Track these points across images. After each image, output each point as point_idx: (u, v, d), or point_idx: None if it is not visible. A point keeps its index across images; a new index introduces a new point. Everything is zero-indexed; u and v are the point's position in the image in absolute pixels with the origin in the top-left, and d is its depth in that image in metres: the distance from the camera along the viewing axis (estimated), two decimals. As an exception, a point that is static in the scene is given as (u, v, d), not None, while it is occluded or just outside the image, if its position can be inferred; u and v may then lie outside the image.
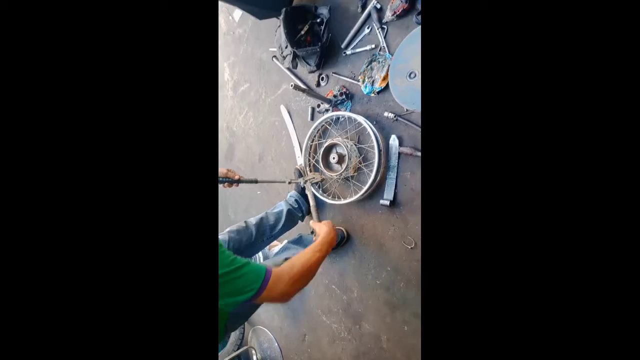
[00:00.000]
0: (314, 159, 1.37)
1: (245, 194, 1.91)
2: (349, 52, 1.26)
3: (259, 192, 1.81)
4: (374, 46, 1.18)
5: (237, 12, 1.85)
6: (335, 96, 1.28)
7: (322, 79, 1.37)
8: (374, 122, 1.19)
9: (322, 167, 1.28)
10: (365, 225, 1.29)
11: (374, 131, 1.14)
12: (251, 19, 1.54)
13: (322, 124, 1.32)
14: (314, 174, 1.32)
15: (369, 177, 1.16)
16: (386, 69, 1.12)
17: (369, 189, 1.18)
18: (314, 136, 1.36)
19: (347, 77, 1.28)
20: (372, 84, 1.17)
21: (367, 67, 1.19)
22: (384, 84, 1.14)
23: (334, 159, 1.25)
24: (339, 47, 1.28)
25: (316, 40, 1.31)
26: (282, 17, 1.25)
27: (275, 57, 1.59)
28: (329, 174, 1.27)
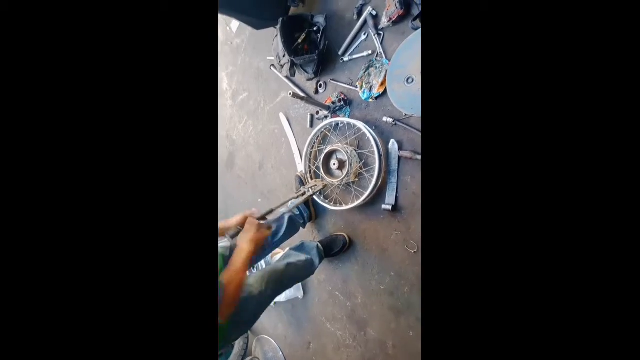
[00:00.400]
0: (314, 165, 1.37)
1: (246, 202, 1.91)
2: (346, 58, 1.27)
3: (260, 200, 1.81)
4: (370, 52, 1.19)
5: (235, 23, 1.88)
6: (333, 103, 1.29)
7: (321, 86, 1.39)
8: (373, 127, 1.20)
9: (323, 173, 1.29)
10: (367, 230, 1.28)
11: (373, 136, 1.15)
12: (249, 29, 1.56)
13: (322, 131, 1.33)
14: (315, 181, 1.32)
15: (370, 182, 1.16)
16: (384, 75, 1.13)
17: (370, 194, 1.18)
18: (314, 143, 1.37)
19: (345, 84, 1.29)
20: (370, 89, 1.18)
21: (365, 73, 1.20)
22: (382, 90, 1.15)
23: (334, 165, 1.25)
24: (336, 54, 1.30)
25: (313, 48, 1.33)
26: (279, 26, 1.27)
27: (273, 65, 1.61)
28: (330, 180, 1.27)
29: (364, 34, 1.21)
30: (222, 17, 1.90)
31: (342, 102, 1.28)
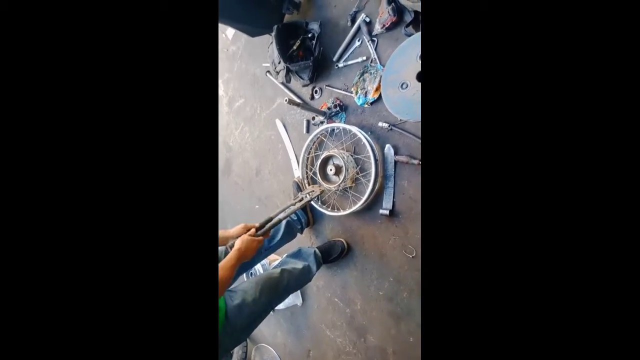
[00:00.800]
0: (311, 171, 1.37)
1: (243, 208, 1.90)
2: (341, 64, 1.28)
3: (257, 207, 1.80)
4: (365, 58, 1.20)
5: (230, 31, 1.89)
6: (329, 108, 1.30)
7: (316, 92, 1.39)
8: (369, 133, 1.20)
9: (320, 179, 1.28)
10: (365, 235, 1.28)
11: (369, 141, 1.15)
12: (244, 36, 1.57)
13: (318, 136, 1.33)
14: (312, 187, 1.32)
15: (367, 187, 1.16)
16: (378, 80, 1.14)
17: (367, 199, 1.18)
18: (310, 149, 1.37)
19: (341, 89, 1.30)
20: (365, 95, 1.19)
21: (360, 79, 1.21)
22: (377, 95, 1.16)
23: (331, 170, 1.25)
24: (331, 61, 1.31)
25: (308, 54, 1.33)
26: (274, 33, 1.28)
27: (268, 72, 1.61)
28: (327, 186, 1.27)
29: (358, 41, 1.22)
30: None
31: (338, 108, 1.28)
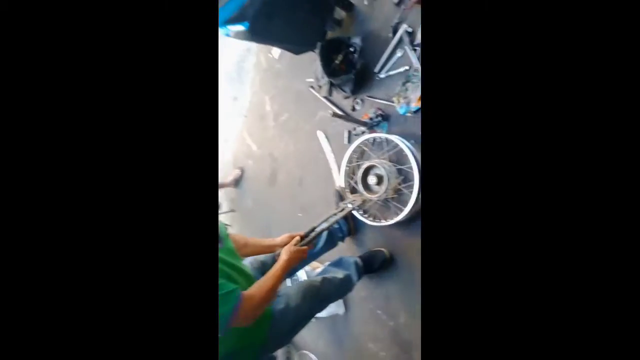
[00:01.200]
0: (352, 180, 1.39)
1: (286, 217, 1.97)
2: (382, 75, 1.29)
3: (300, 215, 1.86)
4: (407, 67, 1.20)
5: (276, 50, 2.02)
6: (371, 119, 1.31)
7: (357, 103, 1.42)
8: (412, 142, 1.18)
9: (361, 189, 1.29)
10: (408, 247, 1.24)
11: (412, 151, 1.13)
12: (287, 54, 1.67)
13: (359, 146, 1.34)
14: (354, 196, 1.33)
15: (410, 197, 1.13)
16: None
17: (410, 210, 1.15)
18: (352, 159, 1.39)
19: (382, 100, 1.31)
20: (408, 104, 1.18)
21: (402, 88, 1.21)
22: (420, 104, 1.14)
23: (372, 180, 1.25)
24: (372, 72, 1.33)
25: (350, 67, 1.37)
26: (318, 51, 1.35)
27: (312, 87, 1.69)
28: (368, 196, 1.27)
29: (400, 51, 1.23)
30: (264, 45, 2.07)
31: (380, 118, 1.29)
